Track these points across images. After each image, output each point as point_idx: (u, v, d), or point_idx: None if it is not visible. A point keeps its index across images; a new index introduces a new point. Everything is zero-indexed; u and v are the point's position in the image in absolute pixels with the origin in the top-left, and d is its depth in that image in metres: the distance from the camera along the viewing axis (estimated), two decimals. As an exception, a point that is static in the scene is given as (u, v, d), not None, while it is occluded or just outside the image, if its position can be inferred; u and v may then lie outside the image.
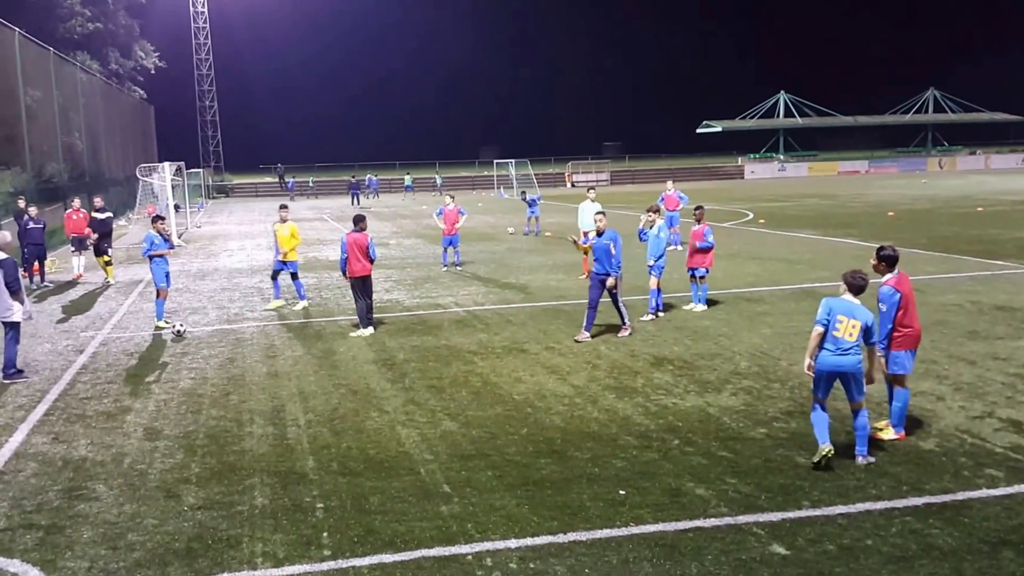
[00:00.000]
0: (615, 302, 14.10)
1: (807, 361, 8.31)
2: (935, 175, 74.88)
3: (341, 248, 15.08)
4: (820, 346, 8.21)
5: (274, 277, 18.15)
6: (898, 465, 8.17)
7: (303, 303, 17.85)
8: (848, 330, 8.11)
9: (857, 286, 8.33)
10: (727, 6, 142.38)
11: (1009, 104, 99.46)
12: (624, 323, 14.19)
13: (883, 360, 8.73)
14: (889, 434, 8.83)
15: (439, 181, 73.77)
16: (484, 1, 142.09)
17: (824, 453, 8.00)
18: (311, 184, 75.56)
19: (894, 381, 8.86)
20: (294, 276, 18.10)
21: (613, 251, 13.72)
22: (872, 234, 27.99)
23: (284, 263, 17.89)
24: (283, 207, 19.07)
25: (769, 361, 12.22)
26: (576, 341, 13.73)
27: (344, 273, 15.17)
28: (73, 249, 23.76)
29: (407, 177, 73.11)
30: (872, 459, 8.20)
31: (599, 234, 13.99)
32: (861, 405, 8.27)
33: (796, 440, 8.91)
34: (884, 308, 8.72)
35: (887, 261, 8.93)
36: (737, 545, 6.65)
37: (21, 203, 22.57)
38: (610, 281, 13.73)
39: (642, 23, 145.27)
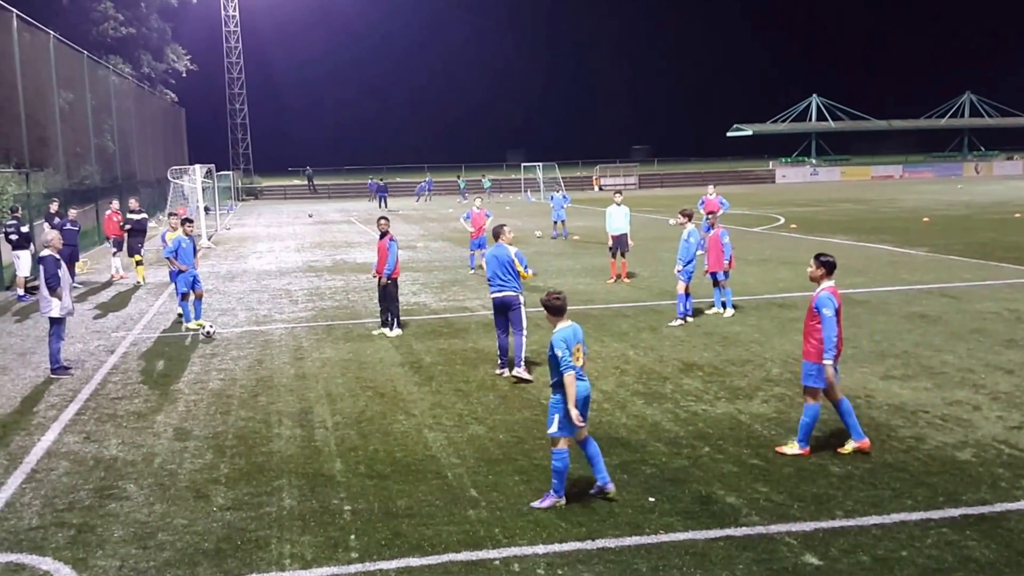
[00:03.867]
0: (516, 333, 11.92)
1: (574, 412, 7.34)
2: (971, 180, 73.96)
3: (396, 251, 15.06)
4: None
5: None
6: (934, 475, 8.03)
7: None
8: (580, 356, 7.57)
9: (558, 308, 7.70)
10: (759, 8, 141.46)
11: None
12: (517, 362, 11.84)
13: (831, 370, 8.41)
14: (793, 449, 8.62)
15: (463, 185, 69.96)
16: (513, 5, 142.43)
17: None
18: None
19: (813, 395, 8.59)
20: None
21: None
22: (907, 240, 27.66)
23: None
24: (173, 215, 17.29)
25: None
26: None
27: (391, 276, 15.00)
28: (114, 250, 24.17)
29: (461, 180, 72.14)
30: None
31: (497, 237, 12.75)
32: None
33: (829, 449, 8.76)
34: (829, 313, 8.32)
35: (827, 267, 8.64)
36: (769, 554, 6.56)
37: (53, 207, 22.88)
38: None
39: (672, 25, 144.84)
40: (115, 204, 25.74)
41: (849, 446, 8.63)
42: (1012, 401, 10.27)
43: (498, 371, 12.14)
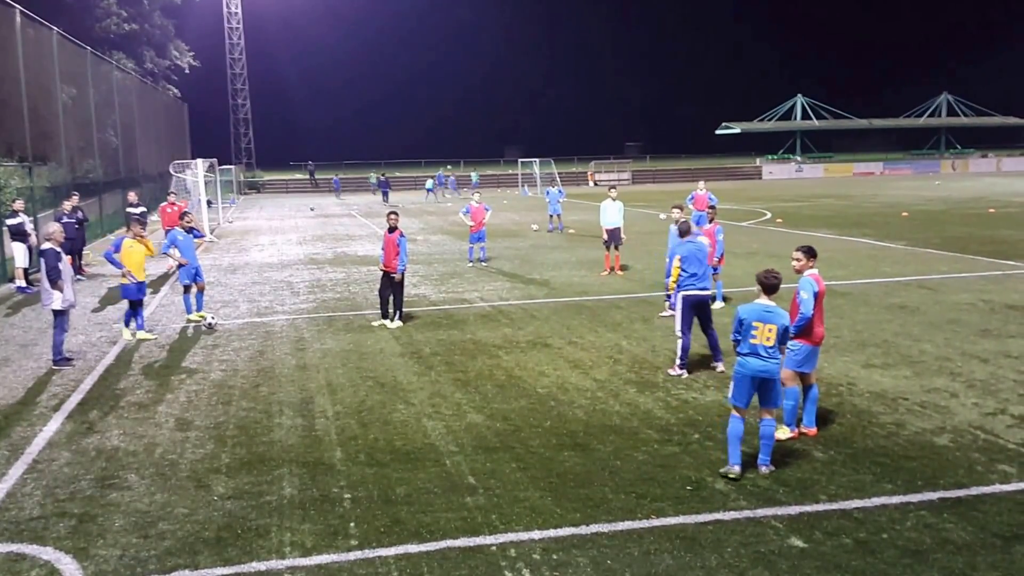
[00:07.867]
0: (707, 330, 11.75)
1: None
2: (948, 177, 74.80)
3: (406, 246, 15.50)
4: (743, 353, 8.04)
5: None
6: (913, 460, 8.24)
7: (144, 333, 15.09)
8: (765, 335, 7.91)
9: (769, 286, 8.12)
10: (747, 10, 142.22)
11: (1021, 108, 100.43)
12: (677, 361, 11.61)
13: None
14: (785, 433, 8.85)
15: (453, 181, 68.19)
16: (512, 3, 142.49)
17: (735, 475, 7.87)
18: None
19: (791, 379, 8.83)
20: (141, 303, 15.15)
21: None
22: (887, 234, 27.99)
23: (141, 286, 14.89)
24: (138, 222, 15.97)
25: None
26: None
27: (402, 271, 15.50)
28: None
29: (474, 174, 72.27)
30: (774, 468, 8.02)
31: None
32: (773, 414, 8.09)
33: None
34: (806, 296, 8.72)
35: (809, 254, 9.10)
36: (756, 538, 6.74)
37: (67, 206, 22.78)
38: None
39: (665, 25, 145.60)
40: (172, 196, 25.94)
41: (795, 431, 8.89)
42: (987, 388, 10.52)
43: (675, 371, 11.53)
